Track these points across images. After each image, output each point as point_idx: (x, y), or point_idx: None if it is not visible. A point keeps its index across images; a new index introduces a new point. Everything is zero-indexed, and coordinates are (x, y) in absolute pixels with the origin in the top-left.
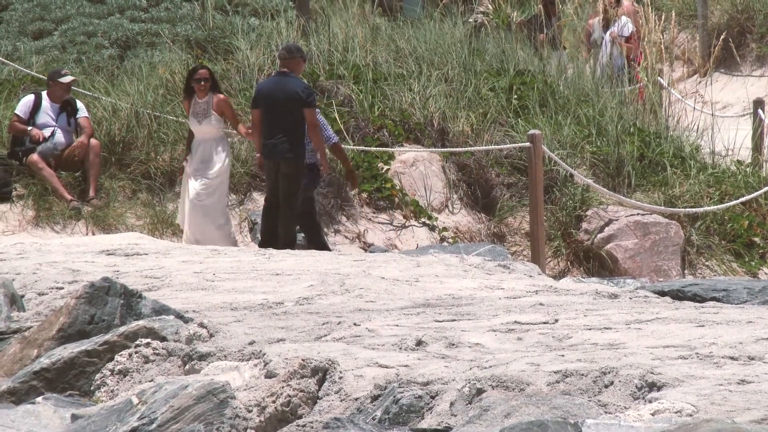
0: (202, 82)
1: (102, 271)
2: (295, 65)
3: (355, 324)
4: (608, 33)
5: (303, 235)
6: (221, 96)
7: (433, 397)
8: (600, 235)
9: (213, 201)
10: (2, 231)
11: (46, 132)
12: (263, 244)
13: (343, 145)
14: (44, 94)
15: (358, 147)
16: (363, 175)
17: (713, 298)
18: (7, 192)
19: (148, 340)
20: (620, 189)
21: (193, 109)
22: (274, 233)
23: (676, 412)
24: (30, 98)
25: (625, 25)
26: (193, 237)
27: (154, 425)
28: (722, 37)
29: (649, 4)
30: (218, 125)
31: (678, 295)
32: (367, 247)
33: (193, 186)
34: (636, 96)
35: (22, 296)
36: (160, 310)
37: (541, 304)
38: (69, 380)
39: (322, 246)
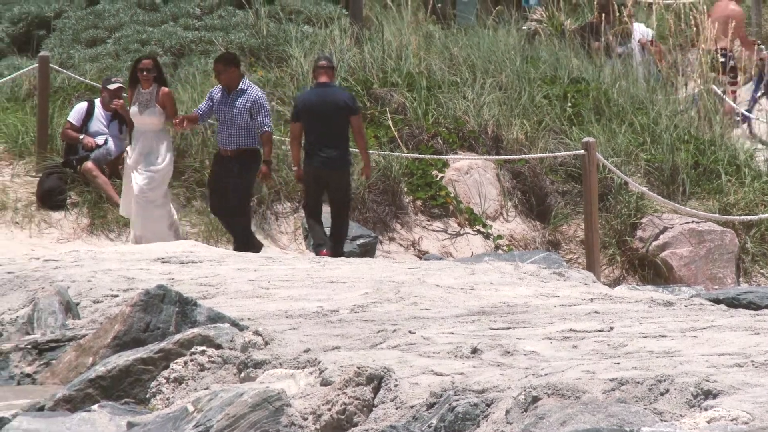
0: (145, 72)
1: (157, 279)
2: (332, 75)
3: (410, 332)
4: (636, 41)
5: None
6: (165, 89)
7: (488, 405)
8: (655, 243)
9: (156, 195)
10: (57, 239)
11: (99, 140)
12: (316, 248)
13: (397, 153)
14: (97, 101)
15: (412, 154)
16: (417, 183)
17: None
18: (61, 200)
19: (204, 347)
20: (675, 197)
21: (136, 99)
22: (323, 235)
23: (731, 420)
24: (83, 106)
25: (645, 31)
26: (138, 232)
27: None
28: None
29: (704, 11)
30: (161, 117)
31: (733, 303)
32: (422, 255)
33: (135, 180)
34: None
35: (77, 304)
36: (215, 317)
37: (596, 311)
38: (124, 388)
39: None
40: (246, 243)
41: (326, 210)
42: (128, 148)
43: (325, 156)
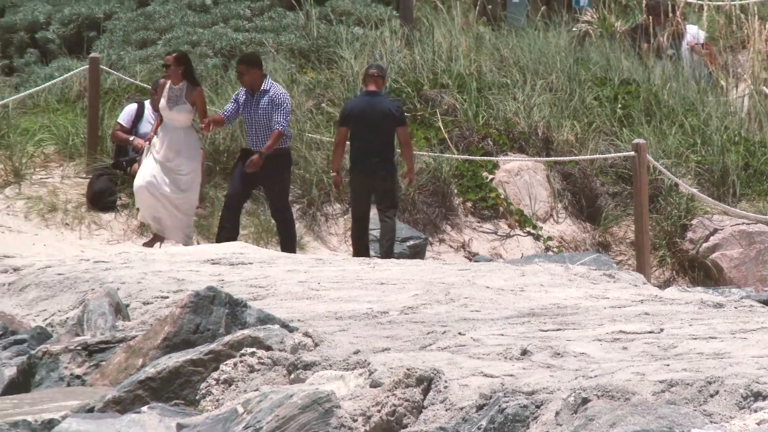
0: (169, 67)
1: (207, 281)
2: (382, 85)
3: (460, 333)
4: (685, 43)
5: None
6: (199, 88)
7: (538, 407)
8: (705, 245)
9: (187, 195)
10: (107, 240)
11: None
12: (359, 253)
13: (447, 154)
14: (147, 103)
15: (462, 156)
16: (467, 185)
17: None
18: (111, 201)
19: (254, 349)
20: (725, 198)
21: (167, 94)
22: (366, 249)
23: None
24: (133, 107)
25: (696, 33)
26: (155, 227)
27: None
28: None
29: (755, 13)
30: (189, 114)
31: None
32: (472, 257)
33: (162, 177)
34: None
35: (127, 305)
36: (265, 319)
37: (646, 313)
38: (174, 389)
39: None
40: (293, 245)
41: (374, 211)
42: (155, 139)
43: (370, 164)
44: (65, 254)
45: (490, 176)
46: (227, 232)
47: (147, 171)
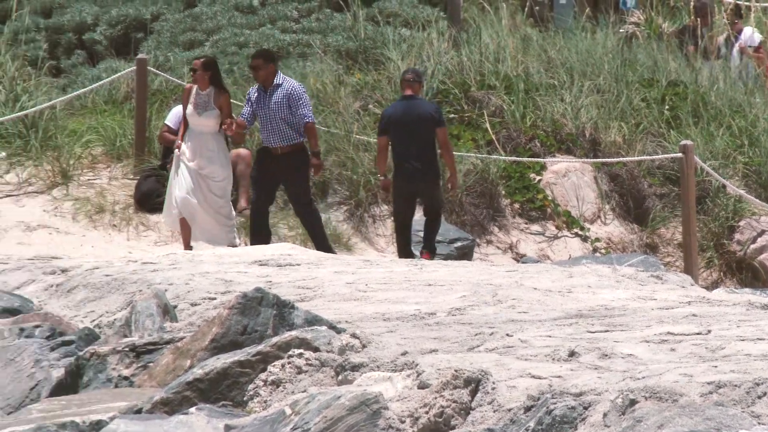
0: (195, 72)
1: (254, 282)
2: (419, 89)
3: (507, 335)
4: (736, 45)
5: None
6: (225, 93)
7: (586, 408)
8: (753, 246)
9: (224, 201)
10: (155, 241)
11: None
12: (404, 256)
13: (494, 156)
14: None
15: (510, 157)
16: (515, 186)
17: None
18: (159, 203)
19: (301, 350)
20: None
21: (194, 100)
22: (410, 252)
23: None
24: (180, 109)
25: (750, 36)
26: (203, 237)
27: None
28: None
29: None
30: (217, 120)
31: None
32: (520, 258)
33: (198, 184)
34: None
35: (175, 307)
36: (313, 320)
37: (693, 314)
38: (222, 390)
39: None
40: (324, 236)
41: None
42: (183, 146)
43: (413, 168)
44: (113, 255)
45: (538, 178)
46: (261, 238)
47: (184, 181)
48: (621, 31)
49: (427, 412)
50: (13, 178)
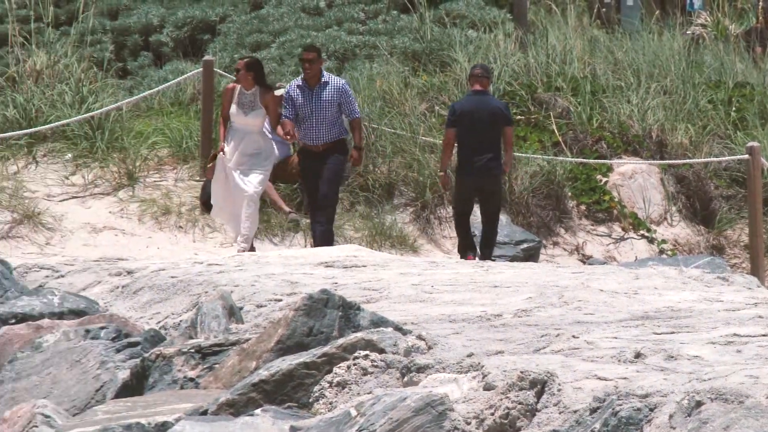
0: (239, 72)
1: (320, 283)
2: (487, 84)
3: (573, 336)
4: None
5: None
6: (271, 92)
7: (651, 410)
8: None
9: (261, 189)
10: (221, 243)
11: None
12: (464, 253)
13: (561, 157)
14: None
15: (576, 159)
16: (581, 187)
17: None
18: None
19: (367, 352)
20: None
21: (238, 99)
22: (472, 240)
23: None
24: None
25: None
26: (247, 232)
27: None
28: None
29: None
30: (264, 119)
31: None
32: (586, 260)
33: (242, 179)
34: None
35: (241, 308)
36: (378, 322)
37: (760, 316)
38: (287, 392)
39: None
40: (332, 237)
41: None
42: (226, 148)
43: (480, 163)
44: (179, 257)
45: (604, 179)
46: (321, 224)
47: (238, 182)
48: (688, 32)
49: (492, 414)
50: (79, 180)
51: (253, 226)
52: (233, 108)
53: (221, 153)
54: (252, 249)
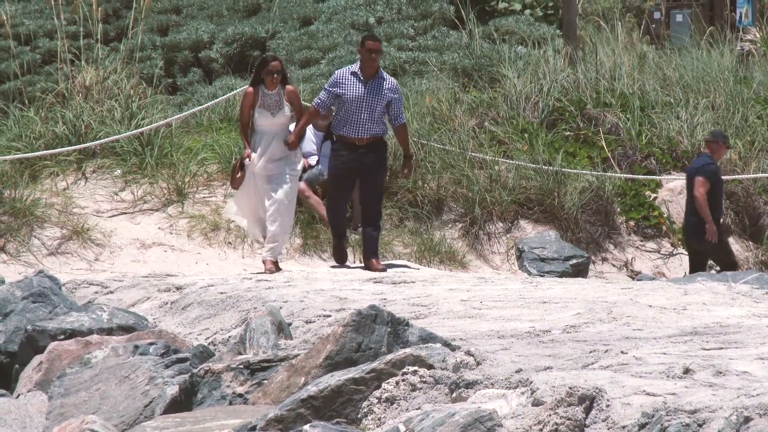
0: (275, 75)
1: (369, 299)
2: (717, 149)
3: (622, 352)
4: None
5: None
6: (290, 87)
7: (700, 425)
8: None
9: (293, 195)
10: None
11: (311, 160)
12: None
13: (610, 173)
14: None
15: (625, 175)
16: (630, 203)
17: None
18: None
19: (415, 368)
20: None
21: (262, 102)
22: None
23: None
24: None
25: None
26: (279, 242)
27: None
28: None
29: None
30: (291, 115)
31: None
32: (635, 275)
33: (271, 186)
34: None
35: (290, 324)
36: (427, 338)
37: None
38: (336, 408)
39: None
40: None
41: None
42: (253, 155)
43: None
44: (227, 273)
45: (653, 195)
46: (341, 252)
47: (266, 187)
48: (737, 48)
49: (541, 430)
50: (128, 196)
51: (284, 235)
52: (257, 112)
53: (247, 160)
54: (276, 266)
